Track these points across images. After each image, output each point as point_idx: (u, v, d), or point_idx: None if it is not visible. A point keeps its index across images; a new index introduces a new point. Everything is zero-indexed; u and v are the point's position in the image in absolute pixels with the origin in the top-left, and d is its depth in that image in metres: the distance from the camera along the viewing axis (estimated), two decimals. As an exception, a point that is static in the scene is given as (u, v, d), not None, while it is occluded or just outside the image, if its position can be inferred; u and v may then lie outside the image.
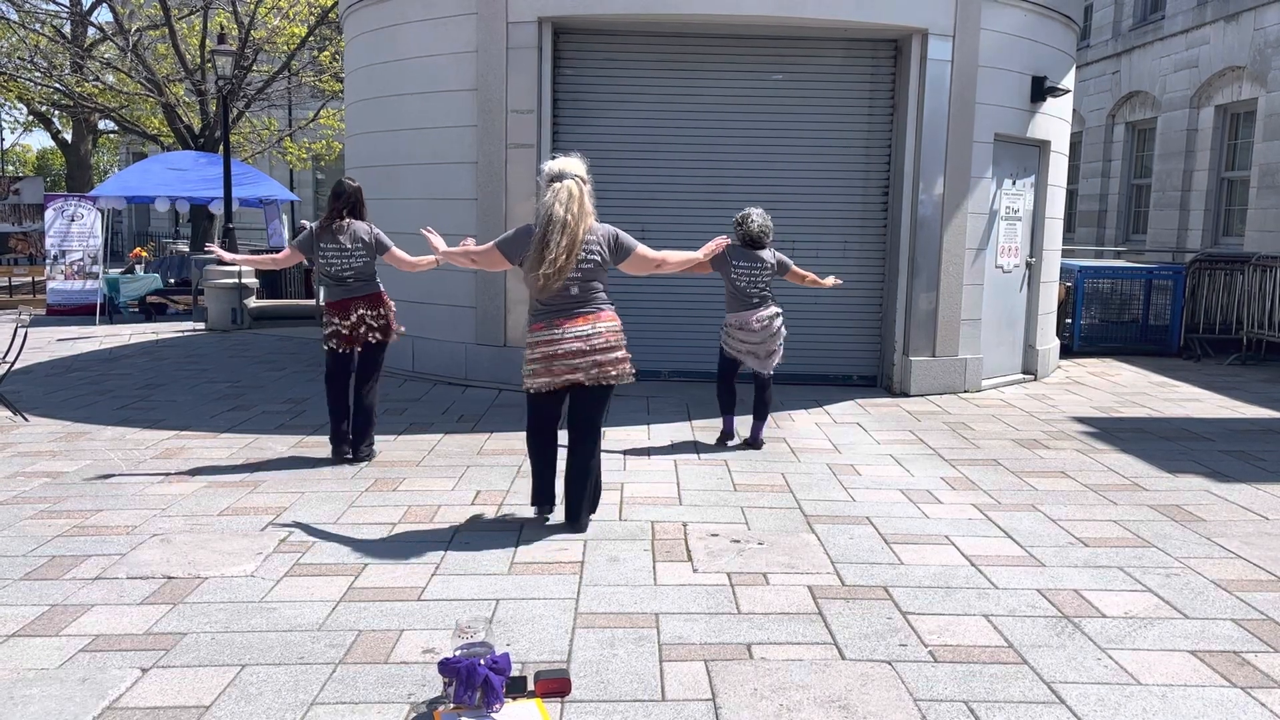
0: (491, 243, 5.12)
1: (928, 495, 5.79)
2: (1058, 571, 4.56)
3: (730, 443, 6.97)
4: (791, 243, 9.10)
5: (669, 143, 9.04)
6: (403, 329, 6.56)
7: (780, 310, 6.87)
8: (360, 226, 6.32)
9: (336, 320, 6.24)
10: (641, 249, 5.04)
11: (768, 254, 6.70)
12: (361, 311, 6.24)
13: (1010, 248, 9.57)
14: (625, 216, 8.95)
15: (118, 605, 4.03)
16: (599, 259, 4.87)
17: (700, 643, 3.74)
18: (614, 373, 4.90)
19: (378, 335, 6.31)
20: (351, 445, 6.43)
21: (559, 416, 5.11)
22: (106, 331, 13.41)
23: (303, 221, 16.31)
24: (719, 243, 5.52)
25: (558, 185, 4.79)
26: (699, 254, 5.45)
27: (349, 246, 6.22)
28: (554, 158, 4.98)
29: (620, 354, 4.93)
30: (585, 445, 5.01)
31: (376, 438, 6.81)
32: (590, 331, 4.83)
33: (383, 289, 6.44)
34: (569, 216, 4.72)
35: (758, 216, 6.67)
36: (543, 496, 5.18)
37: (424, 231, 5.55)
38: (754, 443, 6.91)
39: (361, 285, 6.29)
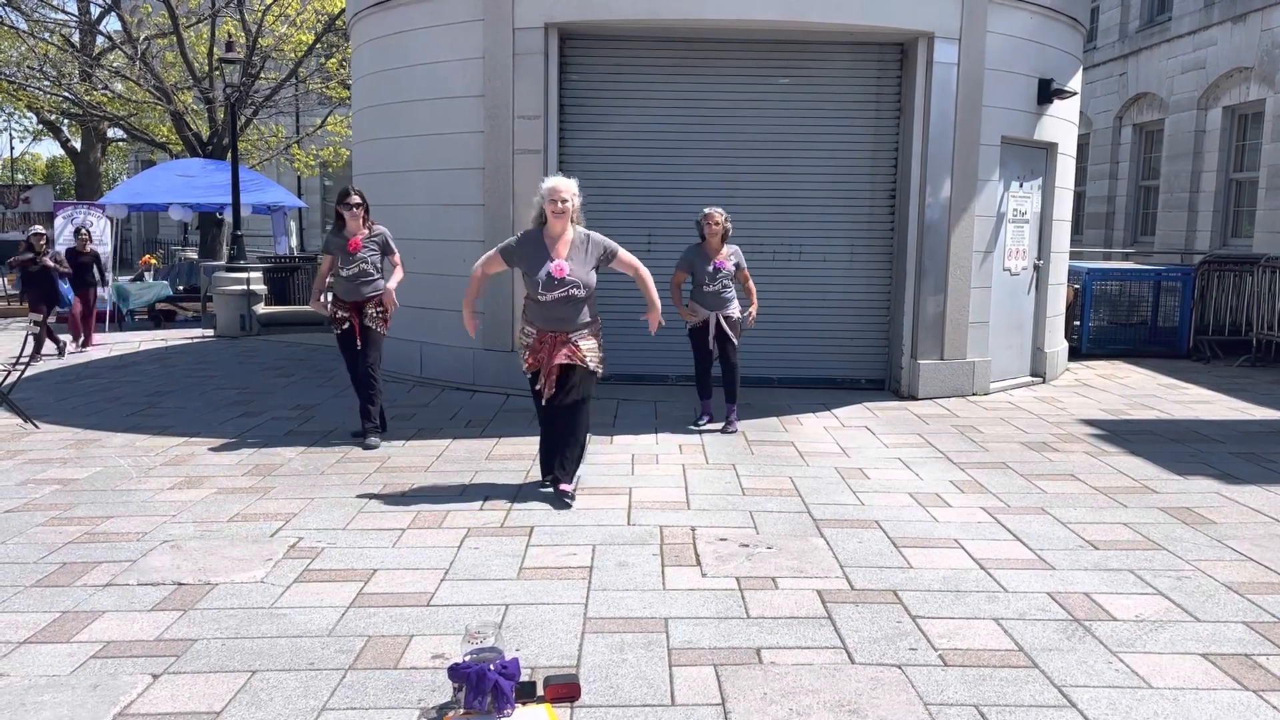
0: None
1: (937, 499, 5.78)
2: (1068, 574, 4.55)
3: (703, 423, 7.66)
4: (799, 246, 9.13)
5: (676, 148, 9.04)
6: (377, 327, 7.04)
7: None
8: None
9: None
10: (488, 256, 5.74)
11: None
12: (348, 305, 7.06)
13: (1018, 250, 9.55)
14: (632, 221, 9.00)
15: (128, 612, 4.05)
16: None
17: (710, 647, 3.74)
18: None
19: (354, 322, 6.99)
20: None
21: (555, 395, 5.64)
22: (116, 338, 13.47)
23: None
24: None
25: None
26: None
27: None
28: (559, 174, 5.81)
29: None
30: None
31: (384, 442, 6.87)
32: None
33: (360, 295, 6.93)
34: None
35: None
36: (544, 468, 5.90)
37: None
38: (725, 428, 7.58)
39: (363, 284, 6.99)
